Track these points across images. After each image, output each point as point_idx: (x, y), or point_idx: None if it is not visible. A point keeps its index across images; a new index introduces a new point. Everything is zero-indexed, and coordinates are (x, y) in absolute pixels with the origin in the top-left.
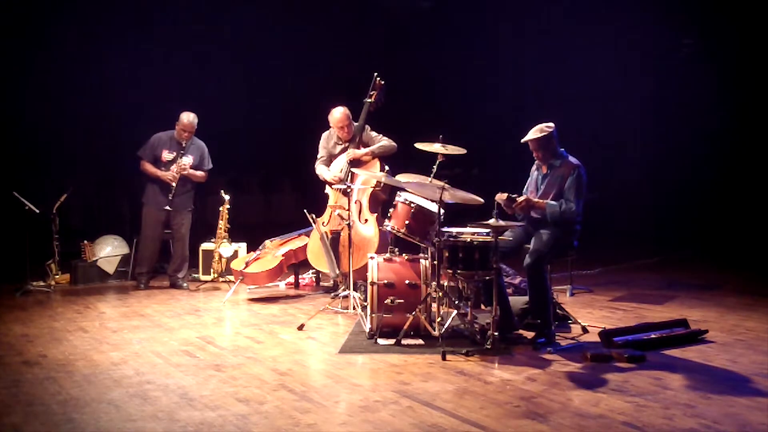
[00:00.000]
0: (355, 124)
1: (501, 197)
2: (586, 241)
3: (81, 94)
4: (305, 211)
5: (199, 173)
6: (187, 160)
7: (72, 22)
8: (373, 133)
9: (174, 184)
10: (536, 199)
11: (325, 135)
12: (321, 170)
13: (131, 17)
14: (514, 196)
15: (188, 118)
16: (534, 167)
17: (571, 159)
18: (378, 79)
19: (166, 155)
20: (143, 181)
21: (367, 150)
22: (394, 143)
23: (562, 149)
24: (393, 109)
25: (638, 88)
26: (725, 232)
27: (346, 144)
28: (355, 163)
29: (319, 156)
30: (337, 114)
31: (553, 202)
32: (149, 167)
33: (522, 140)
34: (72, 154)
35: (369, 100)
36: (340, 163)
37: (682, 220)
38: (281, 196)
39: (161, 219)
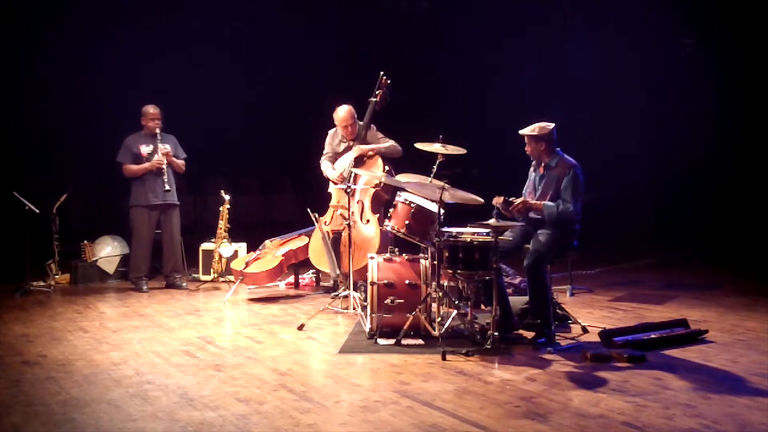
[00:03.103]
0: (360, 122)
1: (498, 201)
2: (586, 241)
3: (81, 94)
4: (308, 210)
5: (179, 161)
6: (167, 146)
7: (72, 22)
8: (379, 134)
9: (164, 168)
10: (533, 201)
11: (331, 132)
12: (325, 167)
13: (131, 17)
14: (510, 199)
15: (152, 107)
16: (532, 168)
17: (567, 159)
18: (384, 77)
19: (144, 149)
20: (129, 185)
21: (373, 146)
22: (400, 147)
23: (558, 149)
24: (393, 109)
25: (638, 88)
26: (725, 232)
27: (351, 142)
28: (359, 161)
29: (324, 152)
30: (342, 112)
31: (550, 203)
32: (133, 167)
33: (519, 131)
34: (72, 154)
35: (374, 99)
36: (344, 161)
37: (682, 220)
38: (281, 196)
39: (152, 219)
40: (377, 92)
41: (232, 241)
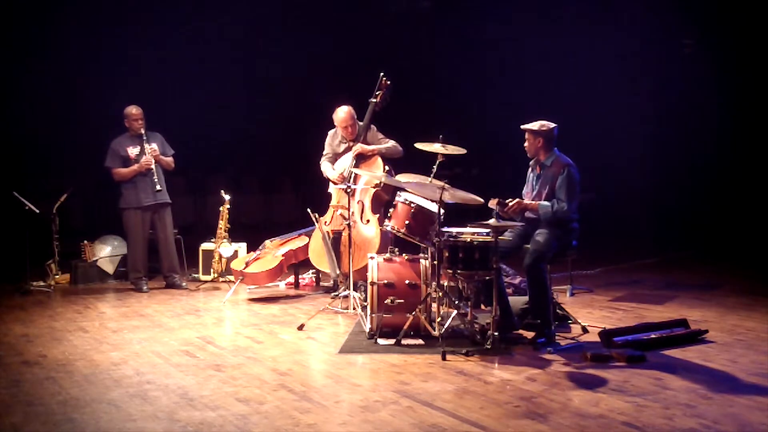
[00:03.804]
0: (360, 123)
1: (493, 203)
2: (586, 241)
3: (81, 95)
4: (309, 210)
5: (167, 159)
6: (154, 146)
7: (72, 23)
8: (379, 135)
9: (153, 167)
10: (528, 201)
11: (330, 133)
12: (325, 167)
13: (131, 18)
14: (506, 201)
15: (134, 107)
16: (530, 169)
17: (563, 158)
18: (384, 78)
19: (132, 151)
20: (120, 188)
21: (374, 147)
22: (401, 148)
23: (555, 149)
24: (393, 109)
25: (638, 88)
26: (725, 232)
27: (350, 143)
28: (359, 160)
29: (324, 153)
30: (342, 113)
31: (545, 203)
32: (123, 170)
33: (521, 126)
34: (72, 154)
35: (374, 100)
36: (345, 162)
37: (682, 220)
38: (281, 196)
39: (145, 220)
40: (377, 93)
41: (232, 241)
